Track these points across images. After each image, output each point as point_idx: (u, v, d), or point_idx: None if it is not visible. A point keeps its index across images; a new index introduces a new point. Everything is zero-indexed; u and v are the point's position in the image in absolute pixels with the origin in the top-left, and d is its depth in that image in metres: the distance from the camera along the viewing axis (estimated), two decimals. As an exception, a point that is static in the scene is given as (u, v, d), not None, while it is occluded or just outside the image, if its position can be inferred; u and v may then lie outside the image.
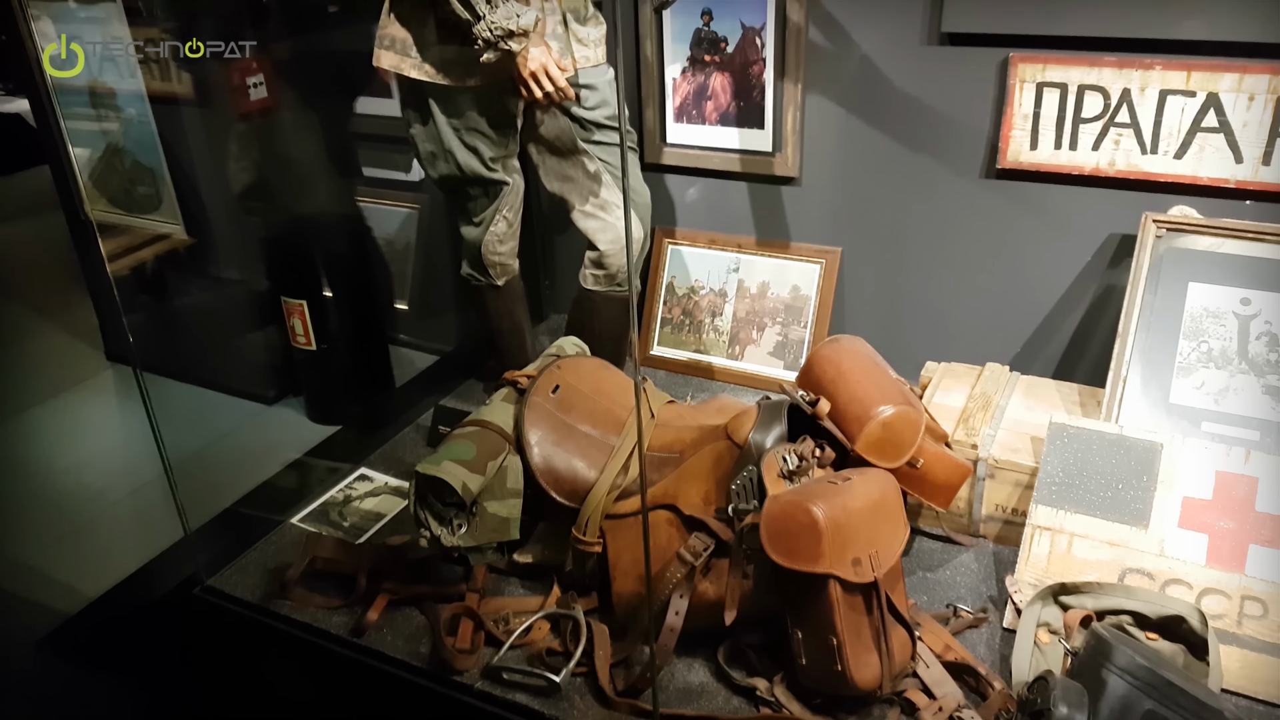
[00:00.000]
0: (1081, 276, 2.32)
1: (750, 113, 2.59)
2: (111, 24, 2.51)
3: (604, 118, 2.24)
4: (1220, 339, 2.01)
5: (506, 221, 2.29)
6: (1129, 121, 2.13)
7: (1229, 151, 2.07)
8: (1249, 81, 2.00)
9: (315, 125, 2.70)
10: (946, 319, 2.53)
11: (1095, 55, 2.12)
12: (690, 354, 2.79)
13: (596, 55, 2.19)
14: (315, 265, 2.66)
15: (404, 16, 2.02)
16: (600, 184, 2.26)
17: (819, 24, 2.41)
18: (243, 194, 2.67)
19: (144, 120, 2.67)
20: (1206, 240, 2.06)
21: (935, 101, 2.34)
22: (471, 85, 2.04)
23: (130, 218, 2.86)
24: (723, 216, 2.76)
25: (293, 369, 2.77)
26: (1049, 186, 2.28)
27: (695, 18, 2.55)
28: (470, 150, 2.14)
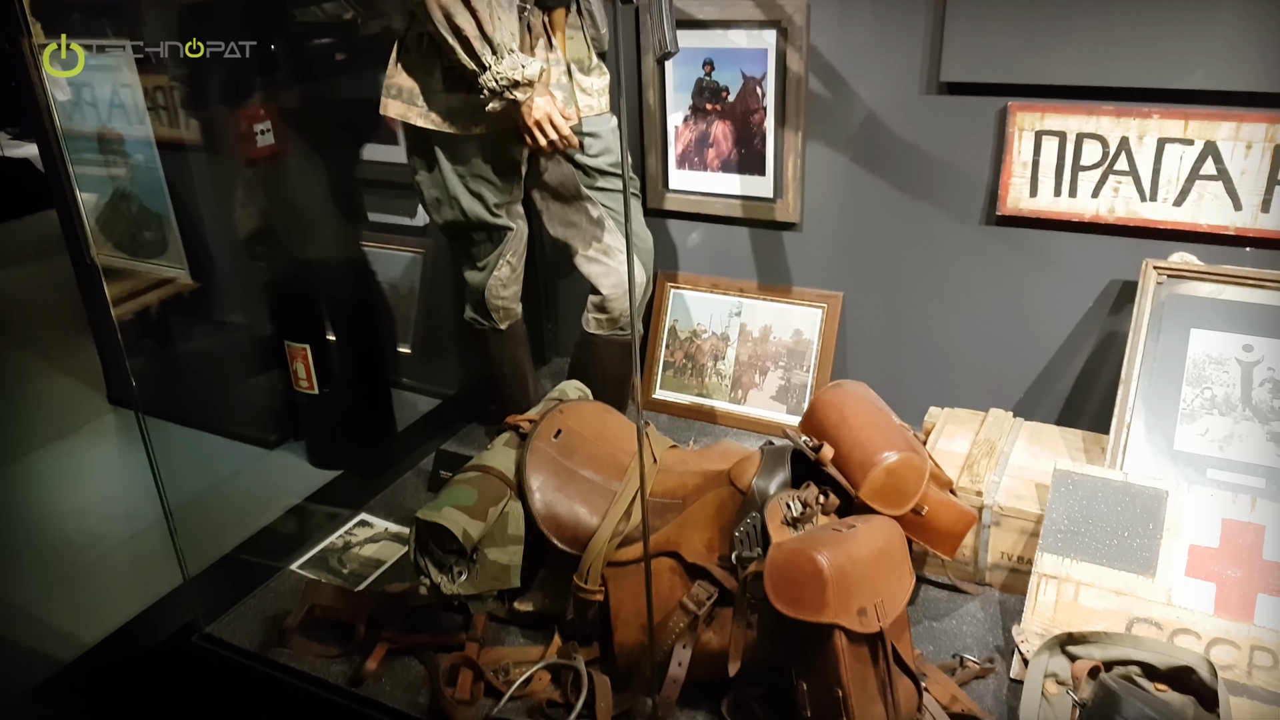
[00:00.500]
0: (1083, 322, 2.33)
1: (751, 160, 2.61)
2: (121, 71, 2.55)
3: (607, 165, 2.26)
4: (1223, 385, 2.01)
5: (510, 266, 2.30)
6: (1128, 169, 2.15)
7: (1228, 199, 2.08)
8: (1246, 130, 2.02)
9: (322, 171, 2.73)
10: (949, 364, 2.53)
11: (1093, 104, 2.14)
12: (693, 398, 2.79)
13: (600, 104, 2.22)
14: (319, 309, 2.67)
15: (411, 66, 2.04)
16: (603, 229, 2.28)
17: (818, 74, 2.44)
18: (248, 239, 2.69)
19: (152, 166, 2.70)
20: (1207, 287, 2.07)
21: (935, 149, 2.36)
22: (477, 133, 2.06)
23: (136, 262, 2.88)
24: (725, 261, 2.77)
25: (294, 413, 2.77)
26: (1049, 233, 2.29)
27: (697, 68, 2.59)
28: (475, 196, 2.16)
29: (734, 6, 2.47)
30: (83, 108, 2.64)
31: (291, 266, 2.70)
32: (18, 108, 3.41)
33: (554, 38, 2.07)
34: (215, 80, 2.59)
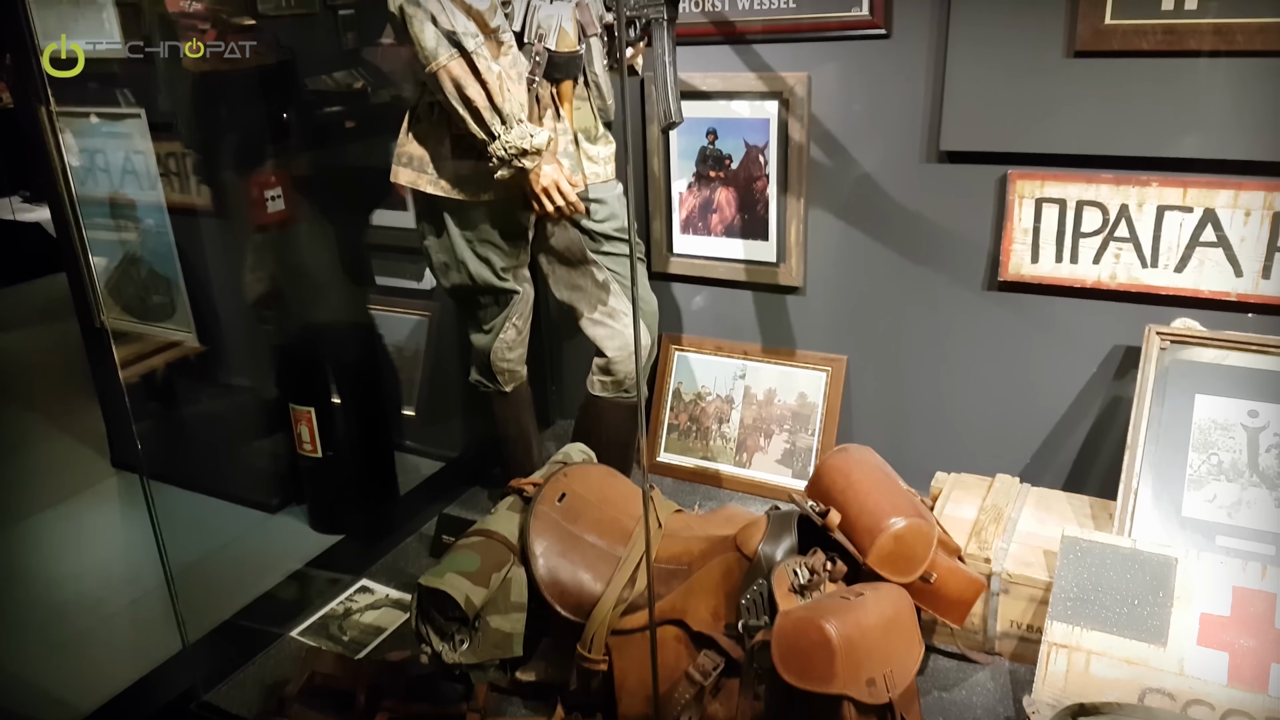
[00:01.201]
0: (1088, 388, 2.33)
1: (754, 225, 2.64)
2: (135, 139, 2.59)
3: (613, 230, 2.29)
4: (1230, 451, 2.00)
5: (516, 329, 2.31)
6: (1128, 236, 2.17)
7: (1229, 265, 2.10)
8: (1244, 198, 2.05)
9: (331, 236, 2.76)
10: (954, 429, 2.53)
11: (1092, 172, 2.17)
12: (697, 461, 2.78)
13: (606, 172, 2.25)
14: (324, 372, 2.68)
15: (422, 135, 2.08)
16: (608, 293, 2.30)
17: (819, 142, 2.48)
18: (256, 303, 2.71)
19: (162, 231, 2.73)
20: (1211, 352, 2.07)
21: (936, 215, 2.39)
22: (485, 199, 2.09)
23: (143, 325, 2.90)
24: (729, 324, 2.79)
25: (297, 477, 2.76)
26: (1051, 299, 2.31)
27: (701, 137, 2.63)
28: (482, 261, 2.18)
29: (737, 79, 2.52)
30: (95, 173, 2.68)
31: (298, 330, 2.72)
32: (31, 172, 3.46)
33: (561, 108, 2.11)
34: (228, 147, 2.64)
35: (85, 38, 2.48)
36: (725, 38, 2.50)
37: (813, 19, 2.38)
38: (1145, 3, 2.00)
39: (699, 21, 2.50)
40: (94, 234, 2.72)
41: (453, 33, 1.84)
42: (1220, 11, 1.94)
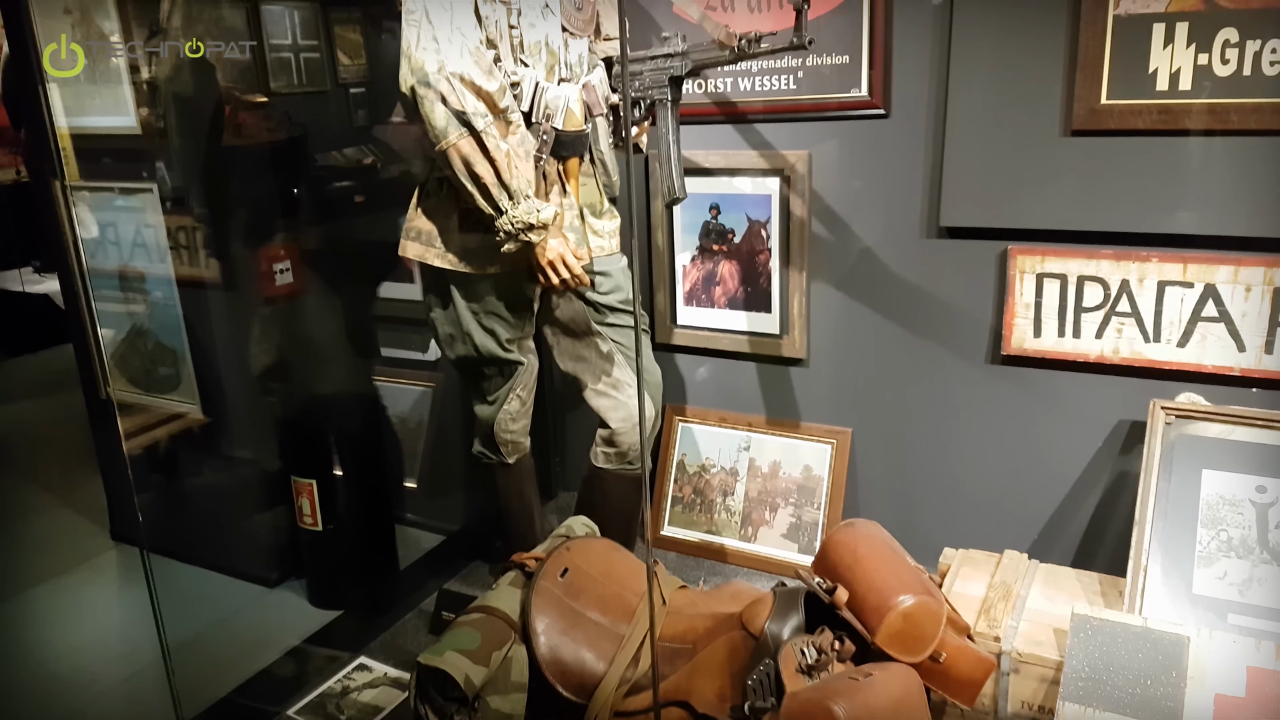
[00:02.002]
0: (1094, 463, 2.32)
1: (757, 297, 2.66)
2: (146, 213, 2.64)
3: (617, 301, 2.30)
4: (1239, 528, 1.98)
5: (520, 400, 2.31)
6: (1130, 311, 2.19)
7: (1231, 340, 2.11)
8: (1244, 273, 2.06)
9: (338, 308, 2.79)
10: (961, 503, 2.51)
11: (1092, 248, 2.19)
12: (702, 535, 2.76)
13: (611, 245, 2.28)
14: (327, 444, 2.67)
15: (430, 210, 2.11)
16: (613, 364, 2.30)
17: (820, 217, 2.51)
18: (262, 374, 2.72)
19: (170, 303, 2.76)
20: (1217, 427, 2.07)
21: (937, 289, 2.41)
22: (491, 272, 2.11)
23: (148, 397, 2.90)
24: (733, 395, 2.79)
25: (297, 550, 2.74)
26: (1055, 373, 2.31)
27: (704, 211, 2.67)
28: (488, 332, 2.20)
29: (739, 156, 2.57)
30: (106, 246, 2.72)
31: (303, 402, 2.72)
32: (44, 244, 3.51)
33: (568, 184, 2.14)
34: (239, 221, 2.68)
35: (101, 115, 2.54)
36: (728, 117, 2.56)
37: (813, 100, 2.43)
38: (1140, 83, 2.05)
39: (702, 102, 2.56)
40: (102, 306, 2.74)
41: (462, 112, 1.88)
42: (1214, 92, 1.99)
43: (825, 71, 2.39)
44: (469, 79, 1.87)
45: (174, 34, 2.39)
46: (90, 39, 2.59)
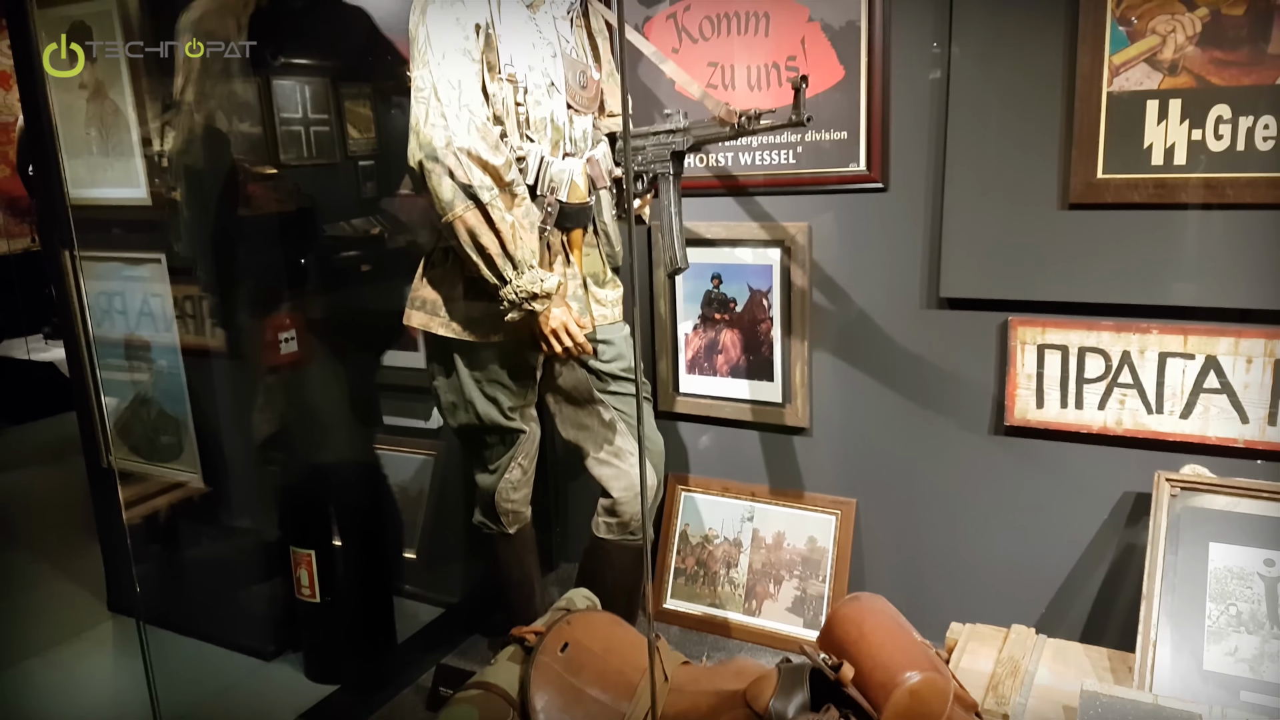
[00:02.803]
0: (1100, 535, 2.30)
1: (759, 366, 2.67)
2: (154, 282, 2.66)
3: (620, 370, 2.31)
4: (1248, 602, 1.95)
5: (521, 469, 2.31)
6: (1132, 382, 2.19)
7: (1234, 412, 2.10)
8: (1245, 345, 2.07)
9: (342, 377, 2.79)
10: (967, 576, 2.48)
11: (1093, 319, 2.20)
12: (705, 608, 2.72)
13: (614, 314, 2.30)
14: (327, 514, 2.66)
15: (436, 280, 2.14)
16: (615, 432, 2.30)
17: (821, 287, 2.53)
18: (264, 443, 2.72)
19: (175, 372, 2.77)
20: (1222, 499, 2.05)
21: (939, 360, 2.42)
22: (495, 340, 2.12)
23: (150, 466, 2.90)
24: (736, 464, 2.77)
25: (294, 622, 2.70)
26: (1059, 444, 2.30)
27: (706, 281, 2.69)
28: (490, 401, 2.20)
29: (740, 227, 2.60)
30: (113, 315, 2.74)
31: (304, 471, 2.71)
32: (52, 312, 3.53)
33: (571, 255, 2.17)
34: (245, 290, 2.70)
35: (113, 186, 2.59)
36: (729, 190, 2.60)
37: (812, 173, 2.47)
38: (1135, 158, 2.08)
39: (703, 175, 2.60)
40: (107, 374, 2.76)
41: (469, 186, 1.91)
42: (1209, 166, 2.02)
43: (824, 146, 2.44)
44: (476, 154, 1.91)
45: (187, 108, 2.44)
46: (104, 112, 2.65)
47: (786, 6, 2.39)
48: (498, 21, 1.99)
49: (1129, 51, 2.04)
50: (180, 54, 2.39)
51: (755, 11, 2.43)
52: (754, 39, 2.45)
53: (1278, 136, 1.95)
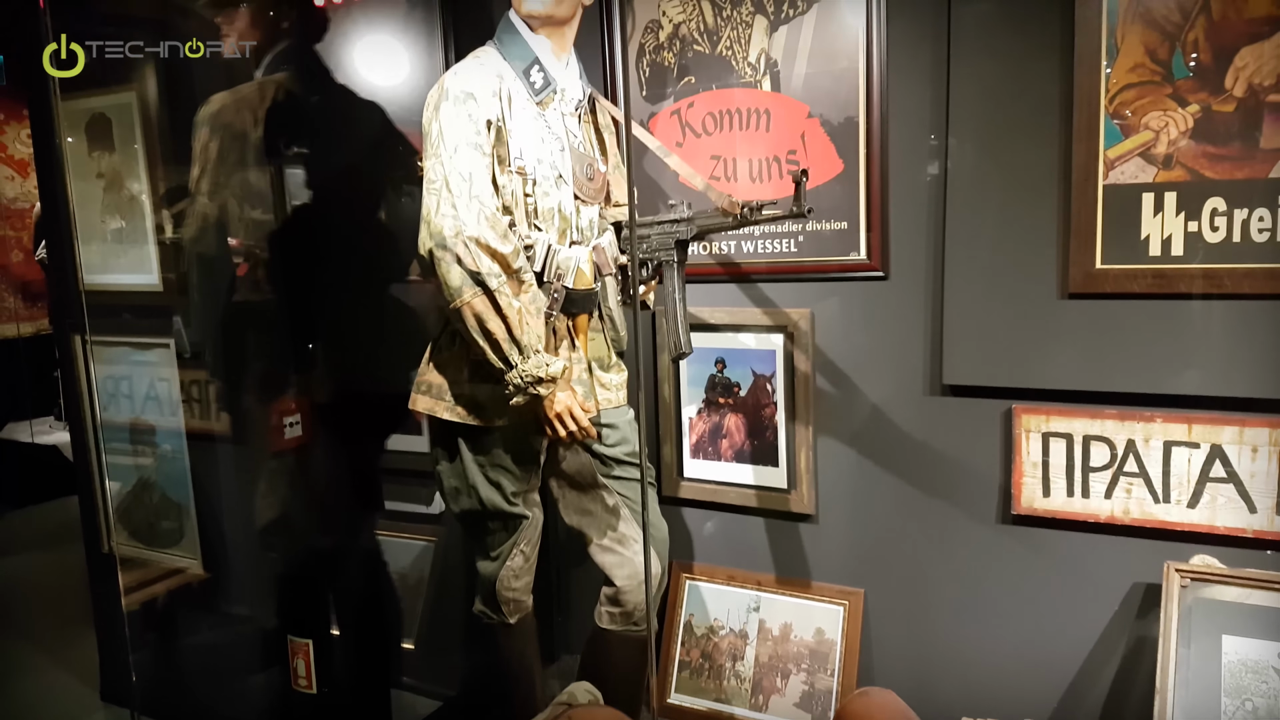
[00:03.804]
0: (1111, 627, 2.26)
1: (764, 451, 2.66)
2: (161, 367, 2.68)
3: (624, 454, 2.31)
4: (1264, 696, 1.91)
5: (524, 555, 2.28)
6: (1137, 471, 2.18)
7: (1241, 501, 2.09)
8: (1250, 434, 2.07)
9: (345, 462, 2.78)
10: (977, 669, 2.43)
11: (1096, 407, 2.21)
12: (710, 703, 2.65)
13: (618, 398, 2.31)
14: (326, 603, 2.62)
15: (442, 365, 2.15)
16: (619, 518, 2.29)
17: (824, 373, 2.55)
18: (265, 529, 2.70)
19: (178, 456, 2.76)
20: (1234, 591, 2.03)
21: (944, 447, 2.41)
22: (499, 425, 2.13)
23: (150, 551, 2.87)
24: (741, 552, 2.74)
25: (291, 714, 2.64)
26: (1067, 534, 2.28)
27: (710, 365, 2.71)
28: (493, 485, 2.19)
29: (743, 313, 2.63)
30: (119, 399, 2.75)
31: (304, 557, 2.68)
32: (60, 396, 3.55)
33: (576, 339, 2.19)
34: (252, 375, 2.72)
35: (125, 272, 2.63)
36: (732, 276, 2.63)
37: (814, 261, 2.50)
38: (1133, 249, 2.11)
39: (707, 262, 2.64)
40: (111, 458, 2.75)
41: (478, 273, 1.94)
42: (1207, 257, 2.04)
43: (825, 235, 2.48)
44: (485, 242, 1.95)
45: (202, 196, 2.49)
46: (120, 200, 2.71)
47: (786, 104, 2.46)
48: (508, 118, 2.05)
49: (1123, 146, 2.09)
50: (197, 145, 2.45)
51: (756, 109, 2.50)
52: (755, 134, 2.52)
53: (1273, 229, 1.99)
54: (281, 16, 2.54)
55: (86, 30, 2.46)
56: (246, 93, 2.50)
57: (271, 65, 2.52)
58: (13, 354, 4.11)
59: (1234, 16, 1.97)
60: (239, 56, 2.45)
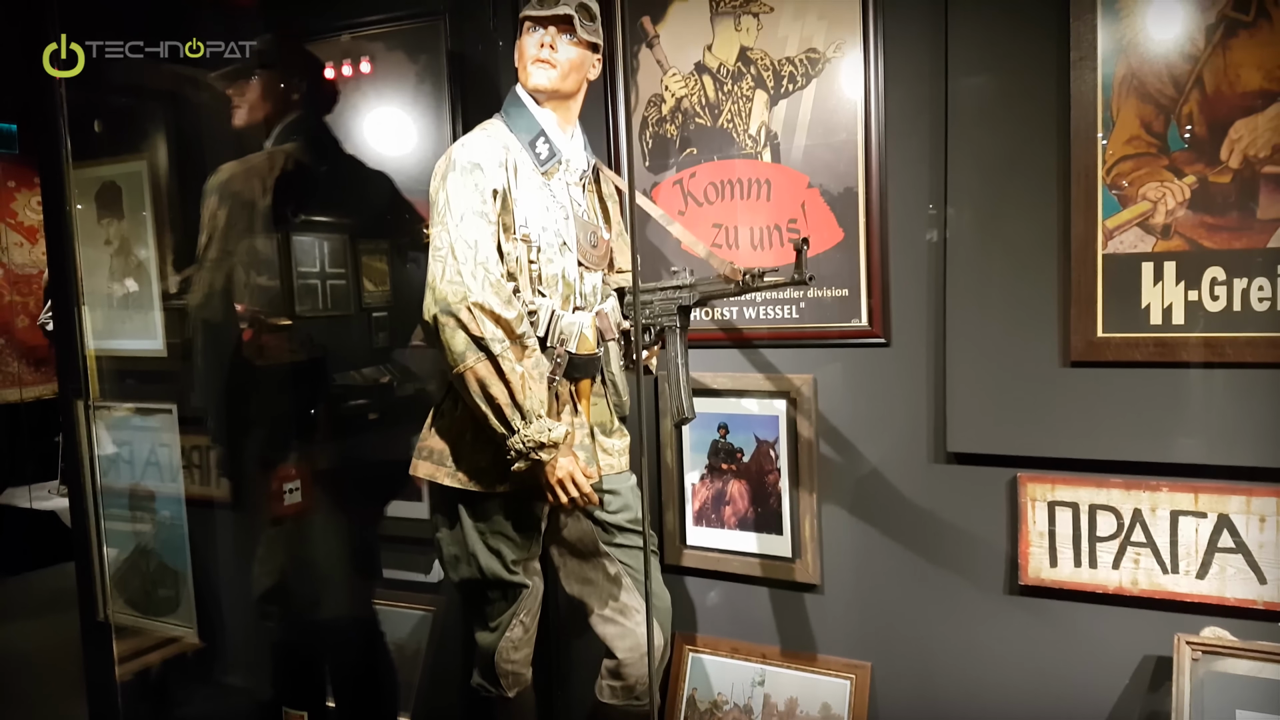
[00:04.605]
0: (1122, 701, 2.21)
1: (768, 518, 2.64)
2: (163, 432, 2.68)
3: (626, 521, 2.29)
4: (1285, 775, 1.87)
5: (523, 626, 2.25)
6: (1145, 541, 2.15)
7: (1251, 573, 2.06)
8: (1257, 504, 2.05)
9: (344, 528, 2.77)
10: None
11: (1102, 476, 2.19)
12: (713, 782, 2.59)
13: (620, 463, 2.30)
14: (322, 673, 2.58)
15: (444, 430, 2.15)
16: (621, 588, 2.26)
17: (828, 439, 2.54)
18: (262, 597, 2.67)
19: (177, 523, 2.75)
20: (1246, 664, 1.99)
21: (950, 515, 2.39)
22: (500, 491, 2.12)
23: (146, 619, 2.83)
24: (746, 623, 2.70)
25: (282, 792, 2.58)
26: (1075, 604, 2.25)
27: (712, 431, 2.70)
28: (493, 553, 2.17)
29: (746, 378, 2.63)
30: (120, 464, 2.74)
31: (300, 627, 2.65)
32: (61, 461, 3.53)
33: (579, 404, 2.19)
34: (254, 441, 2.72)
35: (130, 338, 2.64)
36: (734, 342, 2.64)
37: (816, 328, 2.52)
38: (1134, 317, 2.12)
39: (709, 328, 2.65)
40: (110, 524, 2.73)
41: (481, 338, 1.95)
42: (1208, 326, 2.05)
43: (827, 302, 2.49)
44: (489, 308, 1.96)
45: (209, 263, 2.52)
46: (128, 266, 2.74)
47: (786, 174, 2.50)
48: (514, 187, 2.09)
49: (1121, 216, 2.12)
50: (205, 213, 2.48)
51: (757, 179, 2.54)
52: (756, 203, 2.55)
53: (1273, 298, 1.99)
54: (293, 88, 2.60)
55: (100, 102, 2.52)
56: (256, 162, 2.55)
57: (282, 135, 2.57)
58: (15, 418, 4.12)
59: (1227, 90, 2.01)
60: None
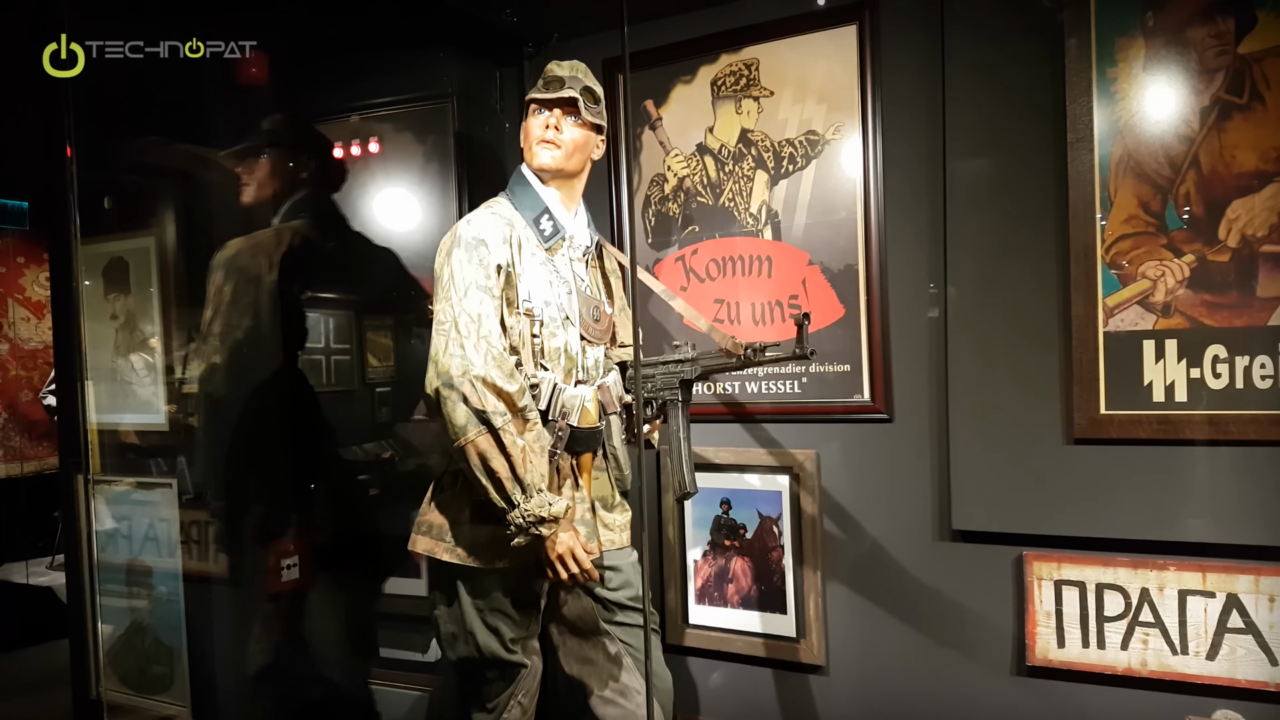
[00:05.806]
0: (1137, 788, 2.16)
1: (772, 596, 2.61)
2: (162, 507, 2.66)
3: (627, 599, 2.26)
4: None
5: (521, 708, 2.20)
6: (1154, 621, 2.12)
7: (1261, 654, 2.03)
8: (1265, 583, 2.02)
9: (341, 605, 2.73)
10: (997, 832, 2.31)
11: (1108, 555, 2.17)
12: None
13: (621, 539, 2.27)
14: (317, 755, 2.52)
15: (443, 505, 2.14)
16: (621, 668, 2.21)
17: (832, 515, 2.52)
18: (257, 675, 2.62)
19: (174, 599, 2.71)
20: (1264, 750, 1.94)
21: (956, 594, 2.36)
22: (499, 567, 2.09)
23: (138, 698, 2.77)
24: (749, 707, 2.64)
25: None
26: (1084, 686, 2.20)
27: (715, 506, 2.68)
28: (491, 631, 2.13)
29: (748, 453, 2.62)
30: (118, 539, 2.72)
31: (295, 707, 2.59)
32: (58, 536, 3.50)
33: (580, 478, 2.18)
34: (252, 517, 2.69)
35: (133, 412, 2.64)
36: (736, 416, 2.64)
37: (818, 403, 2.52)
38: (1136, 395, 2.12)
39: (711, 402, 2.65)
40: (105, 600, 2.70)
41: (482, 411, 1.95)
42: (1210, 404, 2.05)
43: (829, 378, 2.50)
44: (491, 381, 1.96)
45: (213, 338, 2.53)
46: (133, 341, 2.75)
47: (787, 251, 2.53)
48: (518, 263, 2.11)
49: (1122, 294, 2.13)
50: (211, 288, 2.50)
51: (758, 256, 2.57)
52: (758, 280, 2.58)
53: (1275, 375, 2.00)
54: (301, 167, 2.65)
55: (111, 180, 2.56)
56: (263, 238, 2.58)
57: (289, 212, 2.60)
58: (14, 493, 4.09)
59: (1223, 170, 2.04)
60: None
